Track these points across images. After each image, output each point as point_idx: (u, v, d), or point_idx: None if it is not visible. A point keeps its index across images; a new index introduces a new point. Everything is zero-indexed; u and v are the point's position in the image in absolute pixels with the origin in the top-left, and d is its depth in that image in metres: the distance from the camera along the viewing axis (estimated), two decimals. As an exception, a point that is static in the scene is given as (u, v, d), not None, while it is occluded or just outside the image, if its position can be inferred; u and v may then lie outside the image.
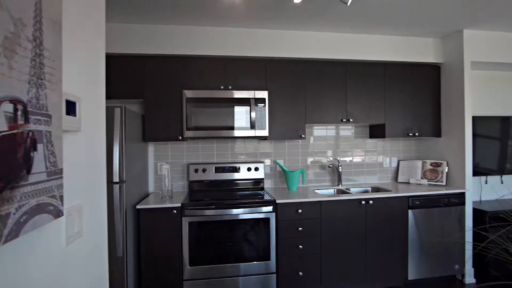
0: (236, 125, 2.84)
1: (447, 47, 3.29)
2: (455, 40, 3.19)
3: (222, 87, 2.91)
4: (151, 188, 3.16)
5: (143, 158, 2.96)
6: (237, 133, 2.84)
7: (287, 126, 3.04)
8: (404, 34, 3.22)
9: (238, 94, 2.85)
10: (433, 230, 2.96)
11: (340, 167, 3.38)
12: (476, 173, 3.28)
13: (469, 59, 3.12)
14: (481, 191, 3.53)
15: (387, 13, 2.68)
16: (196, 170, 3.11)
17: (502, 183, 3.56)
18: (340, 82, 3.14)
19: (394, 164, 3.61)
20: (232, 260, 2.62)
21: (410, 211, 2.91)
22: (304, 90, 3.06)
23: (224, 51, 2.93)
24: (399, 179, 3.51)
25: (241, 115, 2.85)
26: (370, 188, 3.33)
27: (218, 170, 3.14)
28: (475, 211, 3.12)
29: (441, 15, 2.75)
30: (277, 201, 2.67)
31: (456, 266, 2.99)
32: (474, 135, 3.26)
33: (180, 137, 2.84)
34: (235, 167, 3.17)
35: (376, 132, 3.39)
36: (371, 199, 2.83)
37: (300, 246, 2.71)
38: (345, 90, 3.14)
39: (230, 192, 3.03)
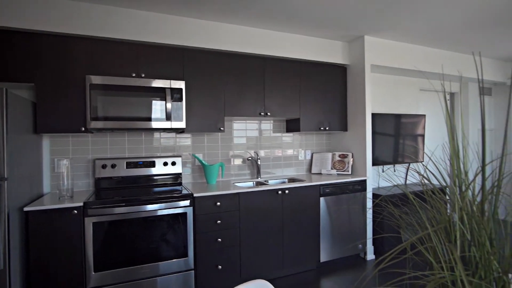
0: (150, 116, 2.65)
1: (352, 51, 3.65)
2: (358, 44, 3.56)
3: (134, 74, 2.67)
4: (46, 188, 2.73)
5: (35, 153, 2.53)
6: (151, 124, 2.65)
7: (205, 119, 2.96)
8: (318, 36, 3.46)
9: (152, 82, 2.66)
10: (341, 215, 3.25)
11: (259, 160, 3.45)
12: (375, 163, 3.72)
13: (369, 62, 3.51)
14: (379, 178, 4.02)
15: (305, 14, 2.83)
16: (103, 166, 2.80)
17: (394, 171, 4.13)
18: (259, 77, 3.20)
19: (308, 157, 3.86)
20: (147, 260, 2.43)
21: (321, 199, 3.13)
22: (223, 82, 3.03)
23: (137, 35, 2.70)
24: (313, 170, 3.77)
25: (156, 105, 2.67)
26: (287, 180, 3.48)
27: (130, 165, 2.89)
28: (374, 195, 3.53)
29: (347, 22, 3.03)
30: (195, 195, 2.58)
31: (360, 246, 3.34)
32: (374, 129, 3.70)
33: (83, 129, 2.52)
34: (150, 162, 2.96)
35: (292, 126, 3.56)
36: (287, 189, 2.95)
37: (219, 239, 2.67)
38: (263, 85, 3.22)
39: (144, 189, 2.81)
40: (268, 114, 3.23)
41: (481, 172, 0.80)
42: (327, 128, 3.56)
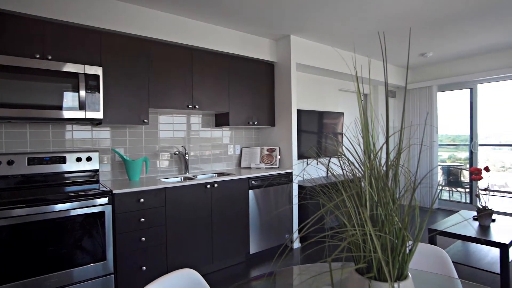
0: (59, 104, 2.32)
1: (279, 49, 3.80)
2: (284, 43, 3.72)
3: (38, 56, 2.32)
4: None
5: None
6: (61, 114, 2.33)
7: (127, 109, 2.73)
8: (248, 32, 3.50)
9: (63, 66, 2.35)
10: (269, 207, 3.34)
11: (187, 155, 3.34)
12: (300, 156, 3.94)
13: (295, 61, 3.70)
14: (304, 171, 4.27)
15: (234, 8, 2.82)
16: (-2, 162, 2.36)
17: (317, 164, 4.43)
18: (186, 68, 3.09)
19: (238, 151, 3.88)
20: (57, 268, 2.12)
21: (250, 191, 3.17)
22: (147, 71, 2.84)
23: (43, 11, 2.34)
24: (242, 165, 3.80)
25: (67, 92, 2.36)
26: (216, 174, 3.44)
27: (34, 161, 2.50)
28: (300, 187, 3.73)
29: (274, 20, 3.13)
30: (114, 192, 2.35)
31: (286, 235, 3.48)
32: (299, 125, 3.91)
33: (-32, 117, 2.08)
34: (60, 158, 2.61)
35: (221, 120, 3.54)
36: (216, 182, 2.91)
37: (143, 239, 2.49)
38: (191, 77, 3.12)
39: (52, 189, 2.46)
40: (197, 107, 3.14)
41: (385, 144, 0.87)
42: (255, 123, 3.63)
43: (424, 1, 2.79)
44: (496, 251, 2.76)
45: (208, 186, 2.87)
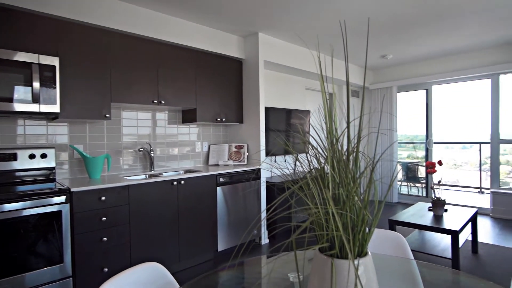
0: (9, 96, 2.15)
1: (247, 45, 3.81)
2: (253, 40, 3.73)
3: (-17, 43, 2.12)
4: None
5: None
6: (10, 106, 2.15)
7: (87, 103, 2.59)
8: (216, 27, 3.46)
9: (13, 55, 2.17)
10: (237, 203, 3.33)
11: (152, 152, 3.24)
12: (268, 153, 3.97)
13: (263, 58, 3.73)
14: (272, 167, 4.31)
15: (201, 2, 2.78)
16: None
17: (285, 161, 4.49)
18: (152, 62, 2.99)
19: (205, 149, 3.83)
20: (9, 273, 1.95)
21: (218, 188, 3.14)
22: (109, 64, 2.71)
23: (-13, -6, 2.15)
24: (210, 162, 3.76)
25: (18, 83, 2.18)
26: (183, 172, 3.37)
27: (-20, 158, 2.28)
28: (268, 183, 3.76)
29: (242, 16, 3.13)
30: (73, 190, 2.22)
31: (255, 231, 3.50)
32: (267, 122, 3.94)
33: None
34: (9, 155, 2.41)
35: (188, 117, 3.47)
36: (183, 179, 2.85)
37: (105, 239, 2.37)
38: (157, 71, 3.03)
39: (0, 187, 2.26)
40: (163, 102, 3.05)
41: (347, 130, 0.90)
42: (223, 120, 3.61)
43: (381, 6, 2.94)
44: (448, 238, 2.98)
45: (175, 183, 2.80)
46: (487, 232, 3.83)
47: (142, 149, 3.21)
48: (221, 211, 3.17)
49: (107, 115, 2.69)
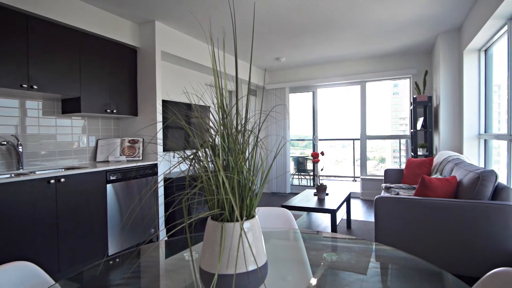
0: None
1: (143, 34, 3.56)
2: (149, 28, 3.51)
3: None
4: None
5: None
6: None
7: None
8: (105, 9, 3.11)
9: None
10: (131, 201, 3.08)
11: (20, 147, 2.69)
12: (167, 148, 3.81)
13: (160, 48, 3.55)
14: (170, 163, 4.15)
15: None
16: None
17: (174, 157, 4.38)
18: (19, 38, 2.48)
19: (93, 144, 3.41)
20: None
21: (109, 186, 2.84)
22: (-47, 33, 2.13)
23: None
24: (98, 159, 3.37)
25: None
26: (63, 169, 2.91)
27: None
28: (166, 179, 3.60)
29: (137, 0, 2.91)
30: None
31: (152, 230, 3.30)
32: (166, 116, 3.77)
33: None
34: None
35: (71, 107, 3.03)
36: (62, 177, 2.47)
37: None
38: (26, 50, 2.53)
39: None
40: (35, 87, 2.58)
41: (236, 105, 0.93)
42: (114, 111, 3.29)
43: (275, 12, 3.18)
44: (329, 218, 3.44)
45: (52, 181, 2.39)
46: (358, 211, 4.59)
47: (5, 143, 2.63)
48: (112, 211, 2.88)
49: (-50, 98, 2.11)
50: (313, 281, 1.00)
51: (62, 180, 2.46)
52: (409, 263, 1.15)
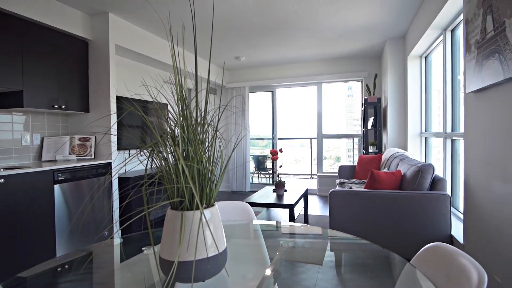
0: None
1: (95, 25, 3.37)
2: (102, 20, 3.33)
3: None
4: None
5: None
6: None
7: None
8: (46, -7, 2.89)
9: None
10: (83, 202, 2.90)
11: (-49, 144, 2.41)
12: (122, 147, 3.64)
13: (114, 42, 3.38)
14: (125, 163, 3.97)
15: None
16: None
17: (129, 156, 4.22)
18: None
19: (37, 142, 3.15)
20: None
21: (56, 186, 2.65)
22: None
23: None
24: (44, 158, 3.12)
25: None
26: (2, 169, 2.65)
27: None
28: (122, 179, 3.45)
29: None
30: None
31: (105, 232, 3.14)
32: (121, 113, 3.60)
33: None
34: None
35: (11, 101, 2.76)
36: (1, 177, 2.25)
37: None
38: (-43, 36, 2.27)
39: None
40: (-33, 78, 2.32)
41: (195, 97, 0.93)
42: (63, 107, 3.07)
43: (234, 10, 3.20)
44: (287, 212, 3.54)
45: (-11, 182, 2.17)
46: (315, 206, 4.79)
47: None
48: (60, 213, 2.68)
49: None
50: (268, 272, 1.02)
51: (1, 180, 2.24)
52: (361, 247, 1.24)
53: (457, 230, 2.32)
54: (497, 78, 1.50)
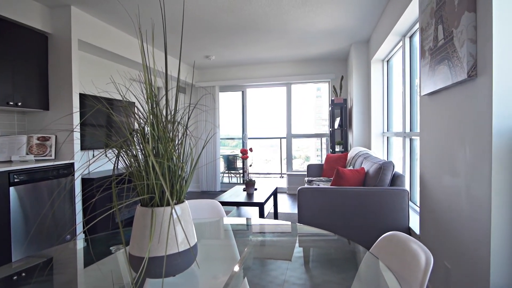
0: None
1: (55, 18, 3.19)
2: (63, 13, 3.17)
3: None
4: None
5: None
6: None
7: None
8: (1, -18, 2.70)
9: None
10: (42, 205, 2.74)
11: None
12: (85, 147, 3.48)
13: (76, 37, 3.23)
14: (89, 163, 3.80)
15: None
16: None
17: (93, 156, 4.07)
18: None
19: (-9, 141, 2.93)
20: None
21: (12, 189, 2.49)
22: None
23: None
24: (-1, 158, 2.91)
25: None
26: (-50, 171, 2.45)
27: None
28: (85, 180, 3.30)
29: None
30: None
31: (68, 237, 2.99)
32: (84, 111, 3.45)
33: None
34: None
35: (-40, 96, 2.56)
36: (-51, 179, 2.07)
37: None
38: None
39: None
40: None
41: (165, 95, 0.94)
42: (19, 104, 2.88)
43: (203, 8, 3.19)
44: (257, 210, 3.60)
45: None
46: (284, 204, 4.89)
47: None
48: (16, 218, 2.52)
49: None
50: (236, 268, 1.01)
51: (-51, 183, 2.07)
52: (327, 238, 1.31)
53: (415, 222, 2.49)
54: (446, 82, 1.64)
